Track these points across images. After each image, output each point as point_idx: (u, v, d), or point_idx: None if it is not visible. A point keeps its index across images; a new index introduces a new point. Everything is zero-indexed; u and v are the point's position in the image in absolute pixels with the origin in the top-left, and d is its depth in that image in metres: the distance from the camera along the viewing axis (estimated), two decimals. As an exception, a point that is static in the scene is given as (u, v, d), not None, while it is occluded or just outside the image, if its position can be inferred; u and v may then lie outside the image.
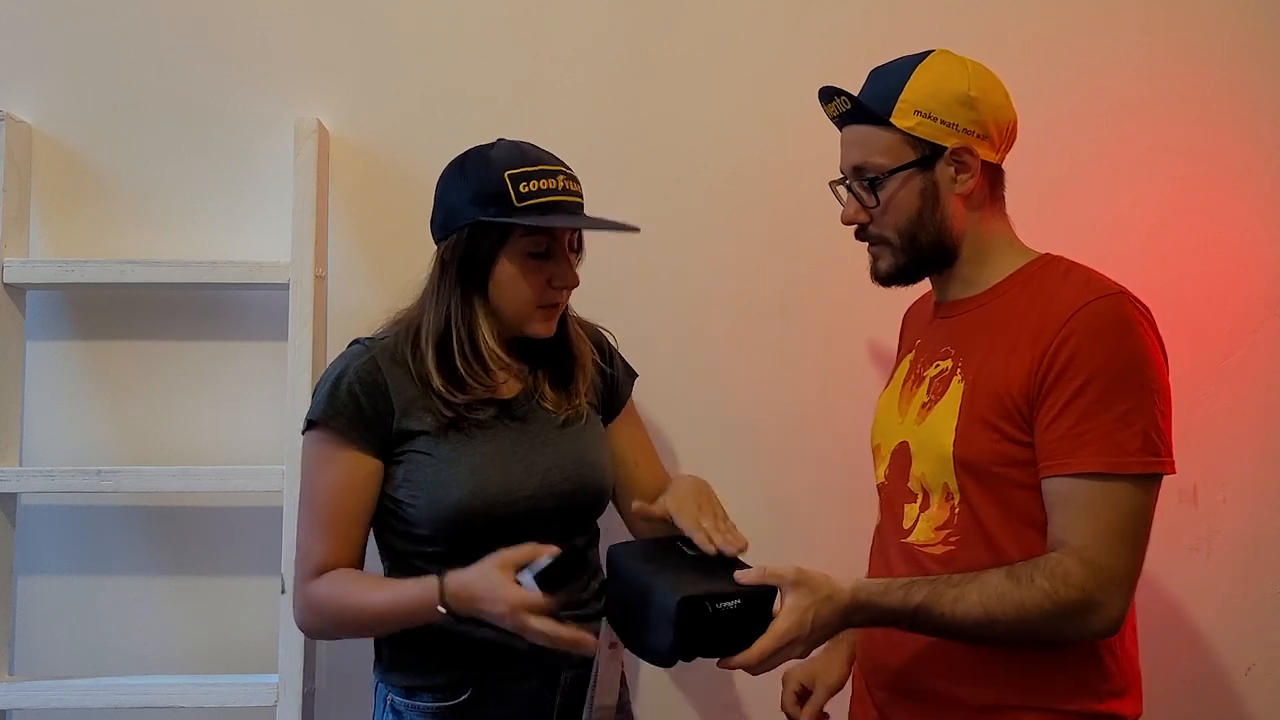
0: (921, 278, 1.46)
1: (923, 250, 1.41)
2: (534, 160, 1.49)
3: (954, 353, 1.41)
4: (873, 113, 1.40)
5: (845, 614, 1.28)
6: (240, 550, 1.87)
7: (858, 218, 1.43)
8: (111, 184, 1.89)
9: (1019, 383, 1.31)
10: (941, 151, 1.38)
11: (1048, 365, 1.29)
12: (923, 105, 1.38)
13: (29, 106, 1.87)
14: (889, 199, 1.40)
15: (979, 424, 1.33)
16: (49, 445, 1.87)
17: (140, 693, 1.75)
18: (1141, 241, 1.87)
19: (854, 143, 1.42)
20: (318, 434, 1.49)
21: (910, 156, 1.38)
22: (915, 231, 1.40)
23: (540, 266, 1.49)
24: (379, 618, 1.45)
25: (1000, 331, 1.36)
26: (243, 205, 1.89)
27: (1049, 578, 1.25)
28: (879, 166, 1.39)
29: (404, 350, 1.50)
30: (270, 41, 1.90)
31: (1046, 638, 1.30)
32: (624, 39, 1.92)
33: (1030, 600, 1.25)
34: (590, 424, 1.59)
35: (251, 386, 1.88)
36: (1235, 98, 1.91)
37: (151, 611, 1.87)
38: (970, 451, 1.33)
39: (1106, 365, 1.27)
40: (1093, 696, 1.33)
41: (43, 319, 1.88)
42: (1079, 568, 1.25)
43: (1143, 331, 1.30)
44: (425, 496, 1.47)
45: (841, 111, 1.43)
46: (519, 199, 1.45)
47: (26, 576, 1.86)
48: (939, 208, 1.40)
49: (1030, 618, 1.25)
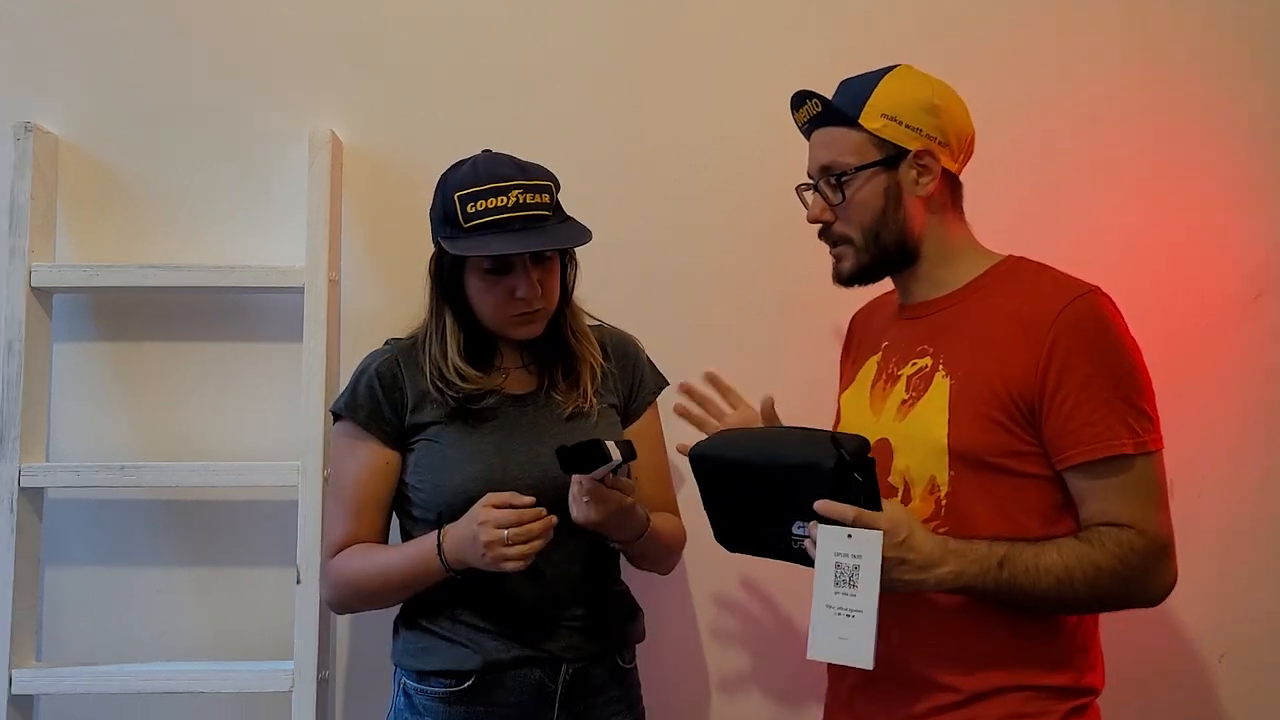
0: (883, 277, 1.51)
1: (885, 248, 1.46)
2: (486, 179, 1.51)
3: (932, 350, 1.45)
4: (842, 114, 1.46)
5: (939, 551, 1.29)
6: (257, 542, 1.89)
7: (823, 216, 1.48)
8: (134, 192, 1.91)
9: (1016, 379, 1.36)
10: (905, 154, 1.44)
11: (1046, 364, 1.35)
12: (889, 109, 1.44)
13: (55, 118, 1.89)
14: (854, 195, 1.45)
15: (974, 416, 1.37)
16: (75, 442, 1.89)
17: (161, 679, 1.77)
18: (1116, 244, 1.87)
19: (822, 144, 1.48)
20: (342, 425, 1.59)
21: (876, 156, 1.44)
22: (879, 229, 1.46)
23: (498, 281, 1.53)
24: (388, 577, 1.52)
25: (982, 329, 1.41)
26: (260, 212, 1.91)
27: (1116, 544, 1.32)
28: (846, 164, 1.45)
29: (418, 353, 1.58)
30: (286, 56, 1.93)
31: (1112, 602, 1.37)
32: (627, 47, 1.95)
33: (1105, 562, 1.31)
34: (605, 418, 1.62)
35: (268, 386, 1.90)
36: (1205, 102, 1.93)
37: (172, 601, 1.89)
38: (966, 443, 1.37)
39: (1102, 359, 1.35)
40: (1073, 671, 1.40)
41: (69, 321, 1.90)
42: (1138, 538, 1.32)
43: (1121, 323, 1.38)
44: (431, 480, 1.54)
45: (812, 115, 1.49)
46: (465, 219, 1.50)
47: (53, 568, 1.88)
48: (901, 208, 1.46)
49: (1104, 579, 1.31)
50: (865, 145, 1.45)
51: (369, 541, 1.57)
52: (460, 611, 1.53)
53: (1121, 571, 1.32)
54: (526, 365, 1.63)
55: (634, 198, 1.92)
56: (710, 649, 1.93)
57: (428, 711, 1.54)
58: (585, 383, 1.61)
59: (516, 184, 1.51)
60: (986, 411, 1.37)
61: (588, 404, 1.60)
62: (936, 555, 1.29)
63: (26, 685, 1.77)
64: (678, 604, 1.92)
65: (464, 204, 1.50)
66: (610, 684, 1.59)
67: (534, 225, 1.51)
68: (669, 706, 1.89)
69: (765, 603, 1.93)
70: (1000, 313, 1.41)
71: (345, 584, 1.56)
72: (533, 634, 1.53)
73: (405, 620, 1.60)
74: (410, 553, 1.52)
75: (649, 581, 1.74)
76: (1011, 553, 1.32)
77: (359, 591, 1.56)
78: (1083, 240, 1.77)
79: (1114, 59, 1.94)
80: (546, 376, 1.62)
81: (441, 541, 1.47)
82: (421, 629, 1.56)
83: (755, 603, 1.93)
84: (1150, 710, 1.86)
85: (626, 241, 1.91)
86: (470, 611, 1.53)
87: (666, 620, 1.89)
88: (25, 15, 1.92)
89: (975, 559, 1.31)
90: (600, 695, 1.58)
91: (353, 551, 1.56)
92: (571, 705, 1.55)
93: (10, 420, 1.79)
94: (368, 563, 1.54)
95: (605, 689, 1.59)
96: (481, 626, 1.53)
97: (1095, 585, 1.32)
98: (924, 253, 1.48)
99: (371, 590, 1.56)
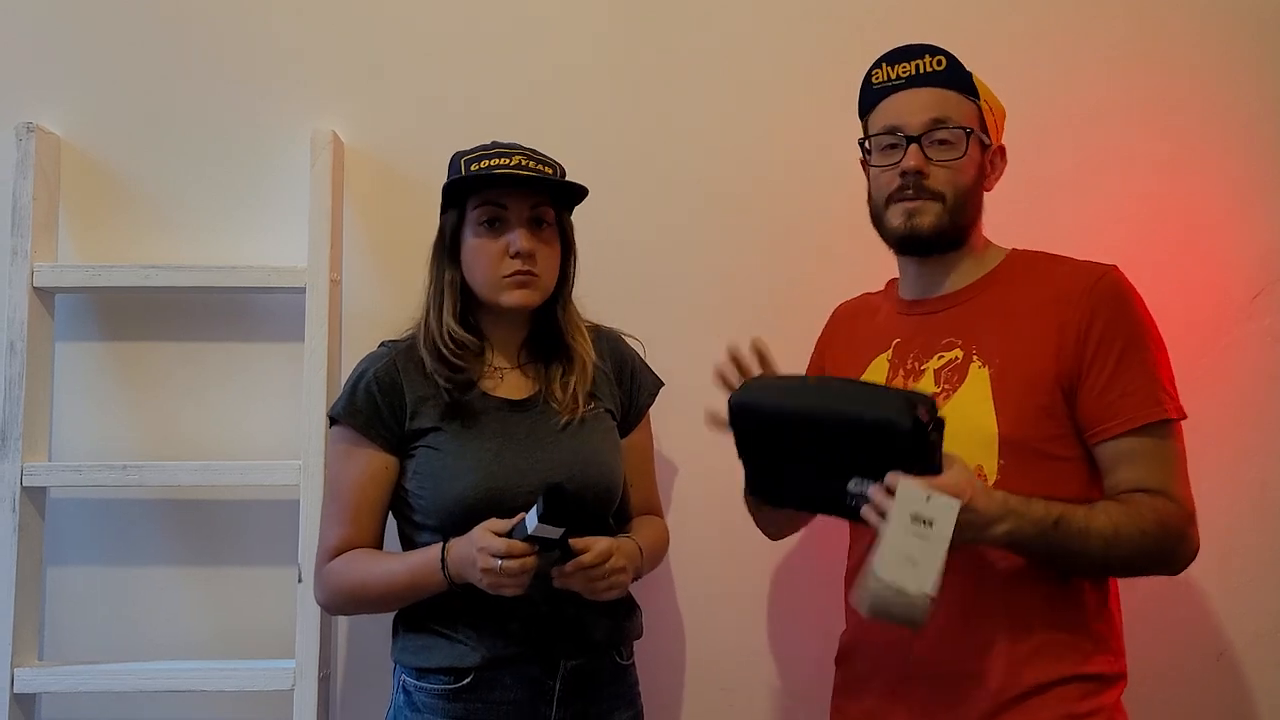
0: (939, 251, 1.48)
1: (963, 218, 1.47)
2: (492, 146, 1.58)
3: (961, 342, 1.46)
4: (967, 79, 1.47)
5: (999, 510, 1.29)
6: (258, 541, 1.89)
7: (924, 166, 1.43)
8: (136, 192, 1.92)
9: (1053, 360, 1.39)
10: (990, 144, 1.48)
11: (1085, 336, 1.38)
12: (988, 99, 1.48)
13: (57, 119, 1.90)
14: (962, 157, 1.44)
15: (1019, 404, 1.39)
16: (77, 441, 1.90)
17: (163, 677, 1.78)
18: (1115, 244, 1.85)
19: (934, 101, 1.45)
20: (339, 430, 1.58)
21: (979, 131, 1.47)
22: (967, 197, 1.46)
23: (494, 235, 1.56)
24: (389, 586, 1.52)
25: (1012, 317, 1.44)
26: (261, 213, 1.92)
27: (1153, 510, 1.35)
28: (965, 124, 1.45)
29: (415, 356, 1.58)
30: (288, 57, 1.93)
31: (1150, 563, 1.38)
32: (630, 49, 1.96)
33: (1148, 524, 1.34)
34: (599, 425, 1.63)
35: (269, 385, 1.90)
36: (1205, 102, 1.93)
37: (174, 600, 1.90)
38: (1016, 430, 1.39)
39: (1133, 331, 1.39)
40: (1114, 657, 1.43)
41: (71, 321, 1.91)
42: (1169, 504, 1.35)
43: (1140, 297, 1.42)
44: (431, 488, 1.54)
45: (928, 71, 1.46)
46: (467, 172, 1.55)
47: (56, 567, 1.88)
48: (979, 189, 1.49)
49: (1147, 541, 1.34)
50: (975, 117, 1.47)
51: (366, 546, 1.57)
52: (459, 609, 1.53)
53: (1159, 535, 1.35)
54: (522, 366, 1.63)
55: (634, 198, 1.93)
56: (708, 646, 1.93)
57: (427, 709, 1.54)
58: (578, 384, 1.62)
59: (522, 152, 1.58)
60: (1031, 398, 1.39)
61: (584, 410, 1.61)
62: (995, 512, 1.29)
63: (29, 684, 1.78)
64: (676, 601, 1.93)
65: (469, 164, 1.56)
66: (608, 681, 1.60)
67: (534, 180, 1.56)
68: (667, 703, 1.90)
69: (764, 600, 1.93)
70: (1027, 299, 1.44)
71: (344, 590, 1.56)
72: (531, 631, 1.53)
73: (405, 618, 1.60)
74: (413, 563, 1.52)
75: (647, 579, 1.74)
76: (1066, 513, 1.33)
77: (358, 598, 1.57)
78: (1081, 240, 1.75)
79: (1113, 59, 1.95)
80: (544, 378, 1.62)
81: (445, 556, 1.48)
82: (421, 627, 1.57)
83: (753, 600, 1.93)
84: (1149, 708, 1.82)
85: (626, 241, 1.93)
86: (469, 609, 1.53)
87: (664, 617, 1.90)
88: (27, 16, 1.92)
89: (1032, 518, 1.31)
90: (598, 692, 1.58)
91: (352, 557, 1.56)
92: (570, 702, 1.55)
93: (13, 420, 1.80)
94: (369, 571, 1.54)
95: (603, 686, 1.59)
96: (480, 624, 1.53)
97: (1138, 548, 1.34)
98: (968, 242, 1.50)
99: (372, 598, 1.56)
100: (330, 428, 1.62)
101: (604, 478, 1.59)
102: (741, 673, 1.92)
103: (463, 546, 1.46)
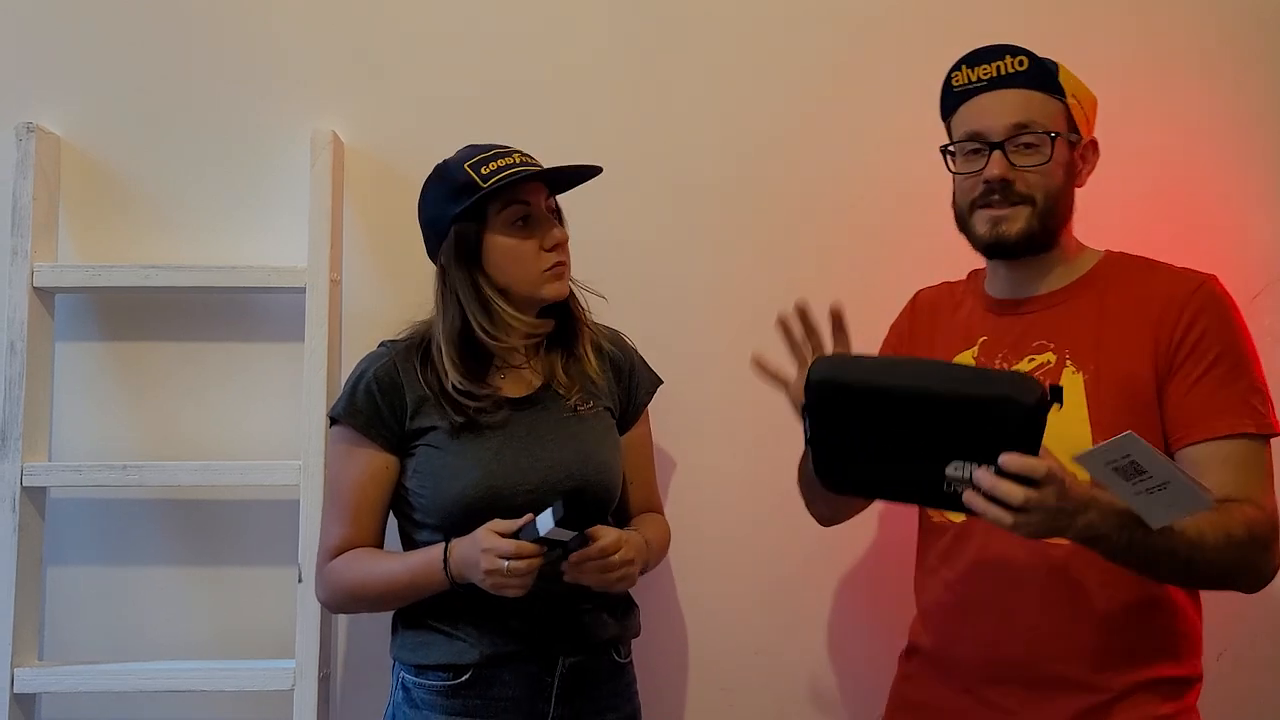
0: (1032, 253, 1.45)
1: (1053, 221, 1.44)
2: (487, 148, 1.58)
3: (1054, 345, 1.44)
4: (1051, 78, 1.43)
5: (1087, 498, 1.23)
6: (258, 541, 1.89)
7: (1008, 174, 1.41)
8: (136, 192, 1.92)
9: (1147, 366, 1.37)
10: (1081, 139, 1.45)
11: (1178, 344, 1.37)
12: (1075, 92, 1.44)
13: (57, 119, 1.90)
14: (1048, 162, 1.41)
15: (1113, 411, 1.38)
16: (77, 441, 1.89)
17: (163, 677, 1.78)
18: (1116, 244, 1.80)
19: (1017, 104, 1.42)
20: (339, 430, 1.59)
21: (1067, 130, 1.44)
22: (1057, 200, 1.43)
23: (527, 233, 1.56)
24: (390, 585, 1.53)
25: (1106, 321, 1.42)
26: (261, 213, 1.91)
27: (1243, 515, 1.31)
28: (1050, 126, 1.41)
29: (416, 358, 1.58)
30: (287, 57, 1.93)
31: (1234, 572, 1.34)
32: (632, 50, 1.96)
33: (1235, 529, 1.30)
34: (598, 423, 1.63)
35: (269, 385, 1.90)
36: (1205, 102, 1.93)
37: (174, 600, 1.89)
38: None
39: (1232, 340, 1.37)
40: (1194, 659, 1.43)
41: (71, 321, 1.90)
42: (1258, 512, 1.33)
43: (1239, 309, 1.41)
44: (432, 487, 1.55)
45: (1009, 72, 1.42)
46: (484, 180, 1.53)
47: (55, 567, 1.88)
48: (1070, 188, 1.46)
49: (1232, 546, 1.30)
50: (1061, 116, 1.44)
51: (366, 546, 1.58)
52: (458, 606, 1.53)
53: (1247, 543, 1.31)
54: (529, 362, 1.63)
55: (634, 198, 1.93)
56: (706, 644, 1.93)
57: (425, 705, 1.55)
58: (590, 367, 1.63)
59: (515, 150, 1.59)
60: (1126, 404, 1.38)
61: (589, 404, 1.61)
62: (1082, 502, 1.22)
63: (29, 684, 1.78)
64: (674, 599, 1.93)
65: (477, 169, 1.55)
66: (606, 679, 1.60)
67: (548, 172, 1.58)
68: (664, 702, 1.90)
69: (764, 599, 1.93)
70: (1123, 304, 1.43)
71: (345, 589, 1.57)
72: (530, 629, 1.53)
73: (404, 615, 1.60)
74: (414, 563, 1.52)
75: (647, 579, 1.74)
76: None
77: (359, 597, 1.58)
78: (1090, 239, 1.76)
79: (1113, 59, 1.94)
80: (548, 370, 1.62)
81: (448, 556, 1.48)
82: (420, 624, 1.57)
83: (754, 599, 1.93)
84: None
85: (626, 241, 1.93)
86: (468, 606, 1.53)
87: (664, 617, 1.90)
88: (27, 15, 1.92)
89: (1116, 511, 1.25)
90: (596, 690, 1.59)
91: (353, 556, 1.56)
92: (568, 700, 1.56)
93: (13, 420, 1.80)
94: (370, 571, 1.55)
95: (601, 684, 1.59)
96: (479, 621, 1.53)
97: (1223, 553, 1.30)
98: (1060, 243, 1.47)
99: (373, 597, 1.57)
100: (330, 427, 1.63)
101: (603, 475, 1.60)
102: (741, 673, 1.92)
103: (466, 547, 1.46)
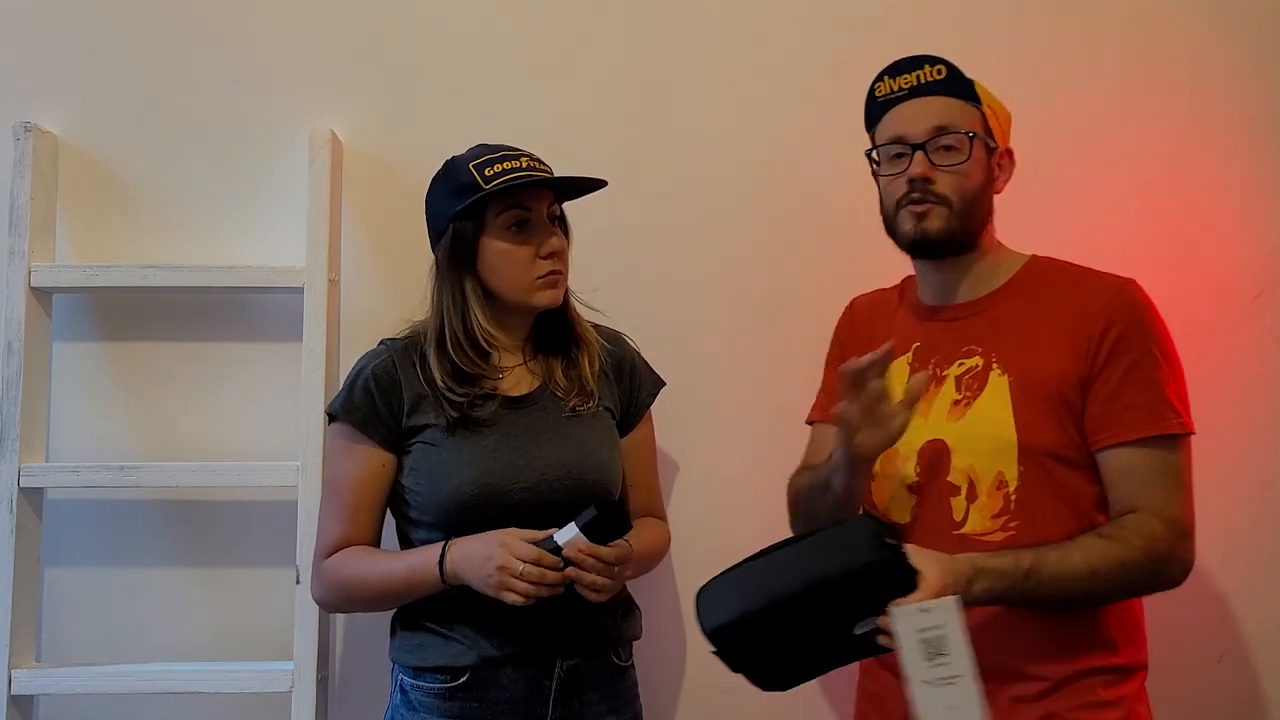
0: (950, 254, 1.50)
1: (971, 222, 1.49)
2: (495, 149, 1.57)
3: (981, 350, 1.48)
4: (968, 86, 1.49)
5: (969, 579, 1.31)
6: (257, 542, 1.89)
7: (930, 173, 1.46)
8: (134, 192, 1.92)
9: (1069, 368, 1.41)
10: (996, 147, 1.50)
11: (1097, 347, 1.40)
12: (991, 104, 1.51)
13: (55, 118, 1.90)
14: (969, 159, 1.46)
15: (1038, 412, 1.42)
16: (75, 442, 1.89)
17: (161, 679, 1.77)
18: (1115, 244, 1.87)
19: (936, 110, 1.48)
20: (337, 427, 1.59)
21: (984, 135, 1.49)
22: (974, 201, 1.48)
23: (524, 239, 1.56)
24: (386, 584, 1.53)
25: (1031, 324, 1.46)
26: (260, 213, 1.91)
27: (1139, 535, 1.36)
28: (967, 129, 1.47)
29: (415, 355, 1.58)
30: (286, 57, 1.93)
31: (1138, 590, 1.42)
32: (633, 51, 1.96)
33: (1129, 556, 1.35)
34: (600, 422, 1.63)
35: (267, 386, 1.90)
36: (1205, 102, 1.93)
37: (172, 601, 1.89)
38: (1036, 438, 1.41)
39: (1147, 343, 1.41)
40: (1135, 649, 1.45)
41: (68, 321, 1.90)
42: (1161, 525, 1.36)
43: (1158, 312, 1.44)
44: (428, 484, 1.54)
45: (929, 80, 1.49)
46: (486, 181, 1.53)
47: (53, 568, 1.88)
48: (988, 193, 1.51)
49: (1129, 572, 1.36)
50: (978, 122, 1.49)
51: (363, 543, 1.57)
52: (456, 608, 1.53)
53: (1145, 563, 1.36)
54: (526, 362, 1.63)
55: (635, 198, 1.92)
56: (708, 646, 1.91)
57: (423, 707, 1.55)
58: (587, 373, 1.62)
59: (523, 153, 1.58)
60: (1049, 406, 1.41)
61: (588, 404, 1.61)
62: (967, 574, 1.31)
63: (26, 685, 1.77)
64: (676, 601, 1.92)
65: (481, 170, 1.54)
66: (606, 682, 1.60)
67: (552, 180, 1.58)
68: (667, 704, 1.90)
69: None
70: (1047, 307, 1.46)
71: (341, 586, 1.57)
72: (528, 631, 1.53)
73: (402, 617, 1.60)
74: (411, 562, 1.52)
75: (647, 580, 1.74)
76: (1037, 563, 1.34)
77: (354, 596, 1.57)
78: (1082, 241, 1.76)
79: (1114, 60, 1.95)
80: (547, 370, 1.62)
81: (445, 554, 1.48)
82: (418, 626, 1.57)
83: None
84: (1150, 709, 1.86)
85: (627, 241, 1.93)
86: (466, 608, 1.52)
87: (664, 618, 1.89)
88: (26, 15, 1.92)
89: (1003, 573, 1.33)
90: (595, 693, 1.58)
91: (350, 554, 1.56)
92: (566, 702, 1.55)
93: (10, 420, 1.80)
94: (366, 569, 1.54)
95: (600, 686, 1.59)
96: (477, 623, 1.53)
97: (1121, 578, 1.36)
98: (980, 245, 1.52)
99: (368, 596, 1.56)
100: (328, 424, 1.63)
101: (600, 475, 1.59)
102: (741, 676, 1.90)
103: (475, 543, 1.46)
